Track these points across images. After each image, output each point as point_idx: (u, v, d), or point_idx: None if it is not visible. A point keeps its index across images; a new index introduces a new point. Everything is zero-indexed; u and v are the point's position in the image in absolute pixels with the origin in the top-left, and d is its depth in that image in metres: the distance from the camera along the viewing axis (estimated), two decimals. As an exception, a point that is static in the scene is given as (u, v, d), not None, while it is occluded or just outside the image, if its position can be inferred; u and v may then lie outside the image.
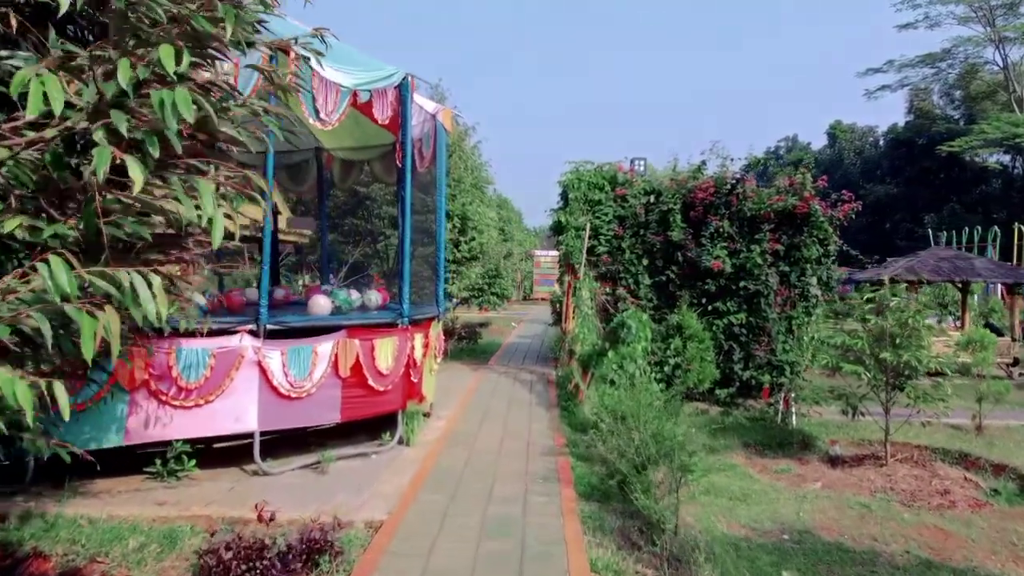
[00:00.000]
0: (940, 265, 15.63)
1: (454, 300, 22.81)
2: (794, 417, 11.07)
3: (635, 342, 7.57)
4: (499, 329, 20.95)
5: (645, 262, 11.90)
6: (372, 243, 16.09)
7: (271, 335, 5.87)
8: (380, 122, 7.48)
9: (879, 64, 43.24)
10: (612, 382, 7.40)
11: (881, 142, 50.80)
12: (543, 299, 40.90)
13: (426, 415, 8.37)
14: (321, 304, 6.64)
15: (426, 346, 7.53)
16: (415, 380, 7.14)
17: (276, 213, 10.82)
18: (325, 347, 6.09)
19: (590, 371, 8.66)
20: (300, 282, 34.06)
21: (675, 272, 11.65)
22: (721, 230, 11.38)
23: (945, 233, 29.37)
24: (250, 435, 5.80)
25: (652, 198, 11.97)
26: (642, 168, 13.19)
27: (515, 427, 7.84)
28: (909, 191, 42.75)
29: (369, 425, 6.87)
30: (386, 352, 6.56)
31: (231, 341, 5.60)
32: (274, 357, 5.76)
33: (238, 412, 5.61)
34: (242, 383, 5.60)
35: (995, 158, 42.03)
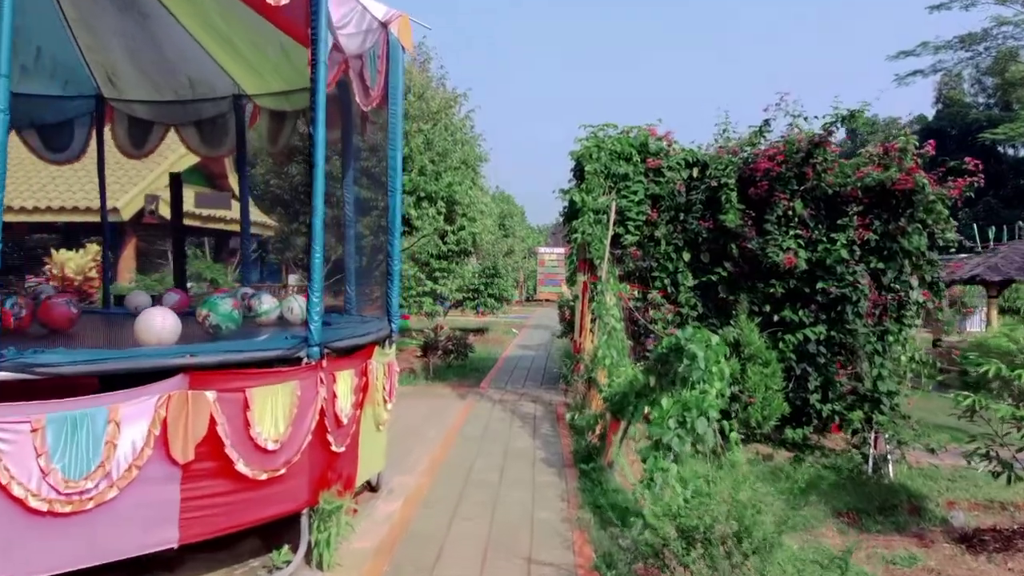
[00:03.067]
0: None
1: (445, 303, 19.91)
2: (891, 466, 8.17)
3: (706, 382, 4.62)
4: (497, 338, 17.99)
5: (687, 256, 8.94)
6: (337, 233, 13.20)
7: (25, 389, 2.94)
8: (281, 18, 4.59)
9: (911, 46, 39.94)
10: (668, 447, 4.47)
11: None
12: (547, 300, 38.04)
13: (371, 488, 5.43)
14: (152, 325, 3.70)
15: (363, 390, 4.60)
16: (338, 449, 4.20)
17: (178, 183, 7.89)
18: (138, 409, 3.15)
19: (624, 420, 5.73)
20: (282, 285, 31.12)
21: (728, 270, 8.69)
22: (792, 213, 8.42)
23: (994, 229, 26.55)
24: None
25: (696, 171, 9.01)
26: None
27: (510, 520, 4.90)
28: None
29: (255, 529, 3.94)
30: (273, 411, 3.63)
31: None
32: (10, 439, 2.83)
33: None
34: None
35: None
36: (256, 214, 14.74)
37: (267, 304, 5.46)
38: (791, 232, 8.36)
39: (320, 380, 3.94)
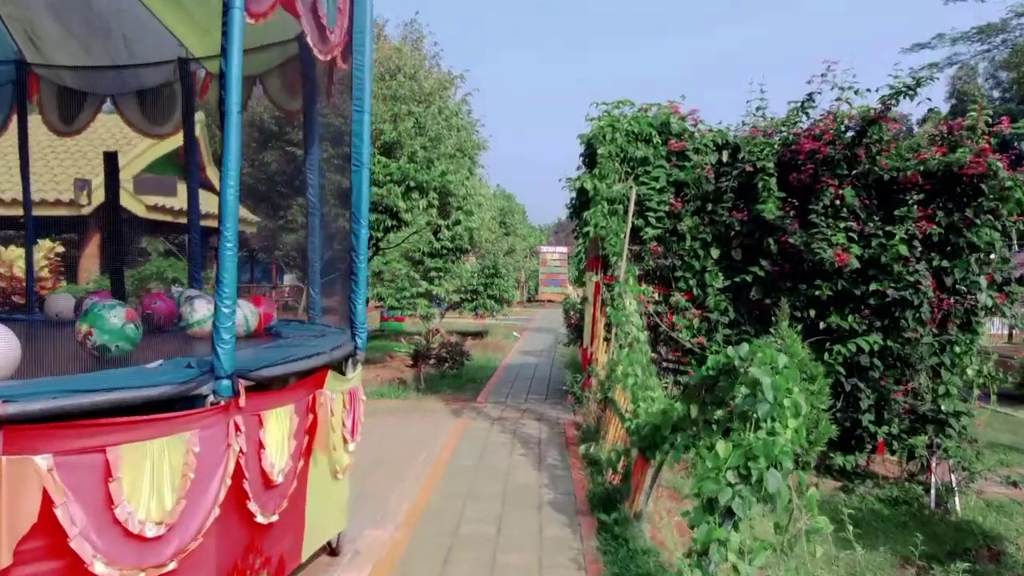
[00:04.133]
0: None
1: (442, 305, 18.68)
2: (957, 499, 6.99)
3: (775, 419, 3.39)
4: (497, 343, 16.74)
5: (715, 253, 7.72)
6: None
7: None
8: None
9: (927, 39, 38.57)
10: (727, 510, 3.24)
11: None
12: (550, 301, 36.81)
13: (331, 552, 4.19)
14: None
15: (310, 431, 3.38)
16: (266, 520, 2.97)
17: (113, 164, 6.66)
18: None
19: (655, 459, 4.50)
20: (271, 287, 29.86)
21: (765, 269, 7.46)
22: (840, 202, 7.19)
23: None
24: None
25: (726, 155, 7.79)
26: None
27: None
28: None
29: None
30: (155, 478, 2.41)
31: None
32: None
33: None
34: None
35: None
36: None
37: (202, 312, 4.24)
38: (841, 224, 7.13)
39: (234, 427, 2.71)
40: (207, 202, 14.53)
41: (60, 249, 11.09)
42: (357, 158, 4.16)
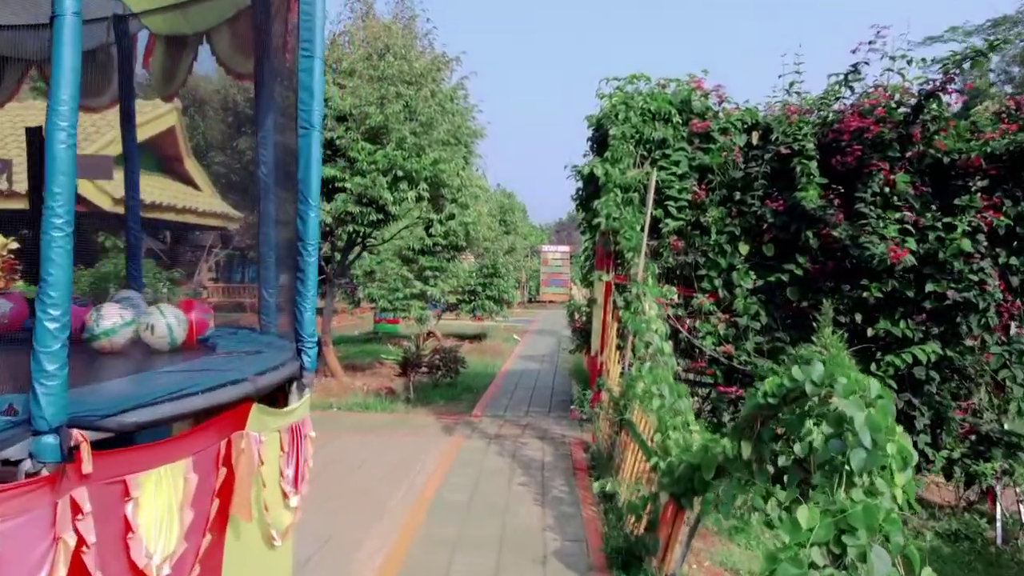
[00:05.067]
0: None
1: (438, 306, 17.70)
2: (1027, 534, 5.99)
3: (879, 473, 2.41)
4: (495, 346, 15.74)
5: (744, 248, 6.73)
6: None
7: None
8: None
9: (939, 32, 37.53)
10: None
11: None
12: (551, 302, 35.80)
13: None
14: None
15: (222, 492, 2.37)
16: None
17: (37, 141, 5.67)
18: None
19: (690, 509, 3.51)
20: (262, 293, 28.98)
21: (803, 266, 6.48)
22: (891, 189, 6.21)
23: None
24: None
25: (756, 137, 6.81)
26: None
27: None
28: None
29: None
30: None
31: None
32: None
33: None
34: None
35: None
36: (215, 203, 12.55)
37: (109, 321, 3.24)
38: (892, 215, 6.14)
39: (69, 509, 1.72)
40: (187, 198, 13.58)
41: (14, 245, 10.08)
42: (305, 118, 3.17)
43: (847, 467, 2.61)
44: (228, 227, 15.22)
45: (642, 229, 6.28)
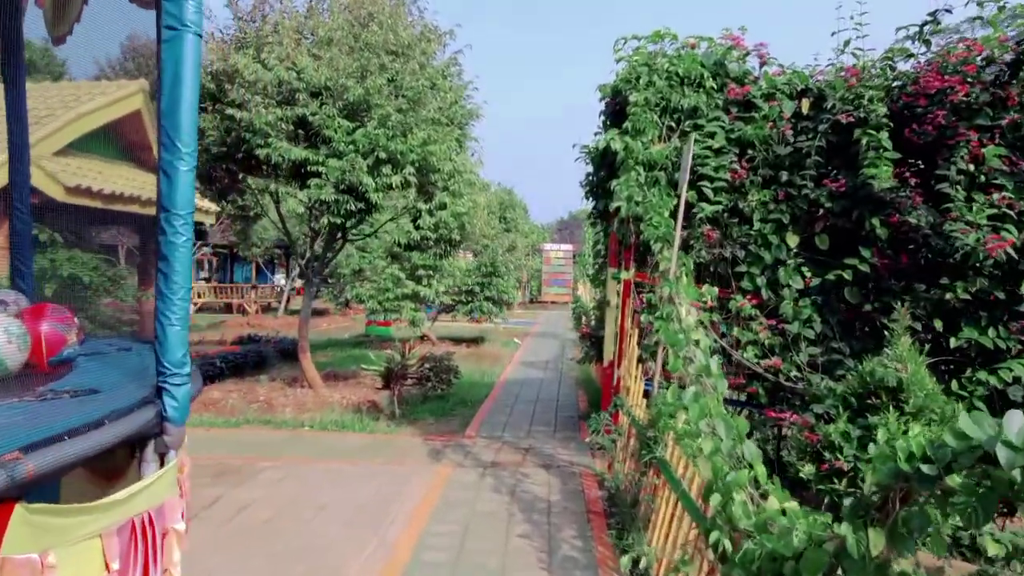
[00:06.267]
0: None
1: (433, 307, 16.49)
2: None
3: None
4: (494, 351, 14.54)
5: (794, 239, 5.54)
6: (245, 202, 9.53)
7: None
8: None
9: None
10: None
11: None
12: (553, 302, 34.59)
13: None
14: None
15: None
16: None
17: None
18: None
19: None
20: (277, 287, 27.74)
21: (869, 262, 5.27)
22: (978, 166, 5.01)
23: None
24: None
25: (807, 105, 5.60)
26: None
27: None
28: None
29: None
30: None
31: None
32: None
33: None
34: None
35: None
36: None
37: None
38: (981, 198, 4.94)
39: None
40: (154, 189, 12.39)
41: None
42: (175, 14, 1.96)
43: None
44: (203, 222, 14.02)
45: (672, 215, 5.08)
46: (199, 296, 26.16)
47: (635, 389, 5.41)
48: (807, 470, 4.61)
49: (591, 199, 7.53)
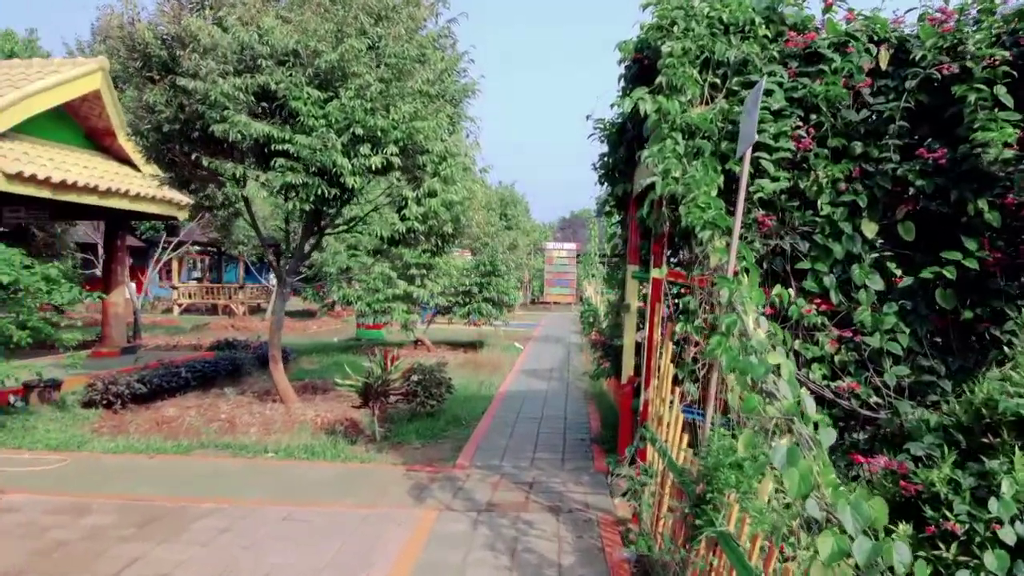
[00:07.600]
0: None
1: (428, 309, 15.30)
2: None
3: None
4: (494, 358, 13.33)
5: (872, 228, 4.34)
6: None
7: None
8: None
9: None
10: None
11: None
12: (556, 303, 33.38)
13: None
14: None
15: None
16: None
17: None
18: None
19: None
20: (238, 286, 26.54)
21: (976, 256, 4.07)
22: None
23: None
24: None
25: (885, 59, 4.41)
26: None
27: None
28: None
29: None
30: None
31: None
32: None
33: None
34: None
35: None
36: (152, 186, 10.15)
37: None
38: None
39: None
40: (121, 179, 11.21)
41: None
42: None
43: None
44: (176, 217, 12.84)
45: (720, 193, 3.89)
46: (188, 297, 24.98)
47: (671, 419, 4.21)
48: (902, 531, 3.41)
49: (607, 183, 6.36)
